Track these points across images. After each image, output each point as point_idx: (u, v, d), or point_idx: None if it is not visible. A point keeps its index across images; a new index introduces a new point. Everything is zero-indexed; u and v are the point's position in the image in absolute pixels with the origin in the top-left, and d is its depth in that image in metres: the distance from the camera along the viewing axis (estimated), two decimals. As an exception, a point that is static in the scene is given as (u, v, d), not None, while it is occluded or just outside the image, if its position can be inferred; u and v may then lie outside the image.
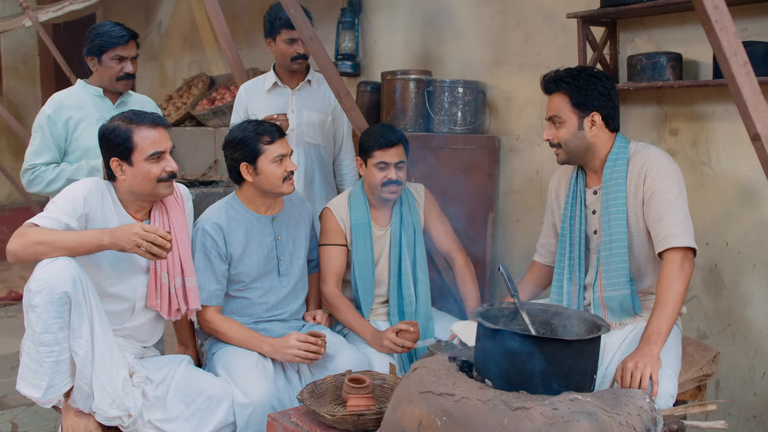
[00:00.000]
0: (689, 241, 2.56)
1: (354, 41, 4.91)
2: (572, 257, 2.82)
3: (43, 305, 2.44)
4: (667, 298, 2.48)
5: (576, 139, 2.70)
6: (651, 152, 2.69)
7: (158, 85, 7.26)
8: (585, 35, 3.42)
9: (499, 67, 4.14)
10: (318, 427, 2.39)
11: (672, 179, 2.63)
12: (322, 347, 2.84)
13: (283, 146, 3.00)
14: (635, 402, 1.93)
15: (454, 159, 4.02)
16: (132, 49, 3.49)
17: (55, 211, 2.59)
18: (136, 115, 2.71)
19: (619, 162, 2.71)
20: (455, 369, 2.05)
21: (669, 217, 2.58)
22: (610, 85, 2.70)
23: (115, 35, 3.44)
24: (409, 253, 3.30)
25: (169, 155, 2.73)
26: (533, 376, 1.90)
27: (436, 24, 4.47)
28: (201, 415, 2.75)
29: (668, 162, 2.67)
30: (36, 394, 2.51)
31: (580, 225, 2.81)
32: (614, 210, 2.69)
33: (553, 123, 2.74)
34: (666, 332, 2.44)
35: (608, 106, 2.69)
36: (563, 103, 2.71)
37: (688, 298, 3.40)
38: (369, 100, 4.48)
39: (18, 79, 8.11)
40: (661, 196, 2.61)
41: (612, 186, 2.70)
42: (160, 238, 2.51)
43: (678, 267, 2.52)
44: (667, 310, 2.46)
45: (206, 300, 2.95)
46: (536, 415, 1.78)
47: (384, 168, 3.17)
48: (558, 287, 2.86)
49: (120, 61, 3.43)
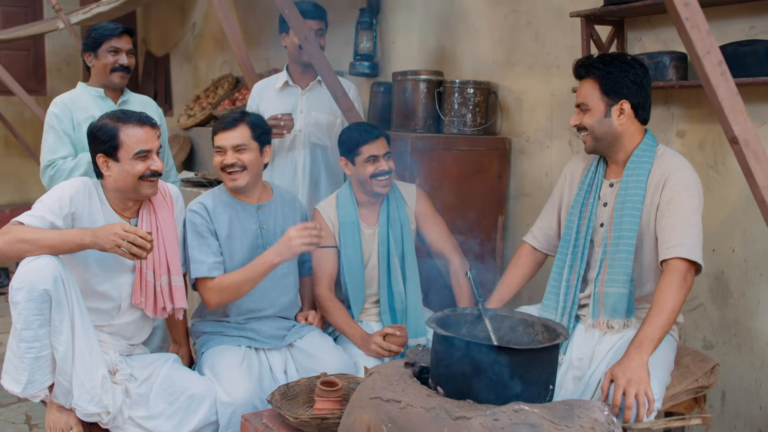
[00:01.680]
0: (698, 256, 2.46)
1: (372, 41, 4.89)
2: (576, 245, 2.75)
3: (24, 302, 2.48)
4: (665, 305, 2.38)
5: (602, 126, 2.63)
6: (678, 160, 2.60)
7: (192, 86, 7.35)
8: (589, 34, 3.34)
9: (510, 68, 4.07)
10: (285, 429, 2.38)
11: (693, 191, 2.53)
12: (321, 230, 2.88)
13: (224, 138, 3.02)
14: (590, 414, 1.86)
15: (464, 161, 3.96)
16: (126, 42, 3.51)
17: (41, 210, 2.63)
18: (124, 114, 2.76)
19: (645, 159, 2.62)
20: (408, 375, 2.01)
21: (683, 228, 2.48)
22: (644, 73, 2.61)
23: (109, 28, 3.50)
24: (397, 250, 3.27)
25: (156, 155, 2.75)
26: (482, 384, 1.85)
27: (451, 24, 4.41)
28: (182, 414, 2.78)
29: (692, 174, 2.57)
30: (16, 389, 2.56)
31: (590, 215, 2.73)
32: (630, 206, 2.60)
33: (581, 109, 2.67)
34: (658, 340, 2.35)
35: (639, 95, 2.60)
36: (592, 89, 2.63)
37: (693, 306, 3.29)
38: (382, 101, 4.45)
39: (61, 80, 8.30)
40: (678, 205, 2.51)
41: (633, 181, 2.62)
42: (139, 238, 2.53)
43: (681, 278, 2.43)
44: (662, 318, 2.37)
45: (208, 272, 2.95)
46: (476, 425, 1.73)
47: (374, 161, 3.17)
48: (558, 274, 2.79)
49: (115, 53, 3.47)
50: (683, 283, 2.41)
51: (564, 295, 2.75)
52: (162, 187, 2.92)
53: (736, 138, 2.05)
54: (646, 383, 2.21)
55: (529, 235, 3.01)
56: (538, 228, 2.99)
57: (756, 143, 2.06)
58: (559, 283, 2.77)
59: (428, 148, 3.85)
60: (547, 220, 2.96)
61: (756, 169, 2.07)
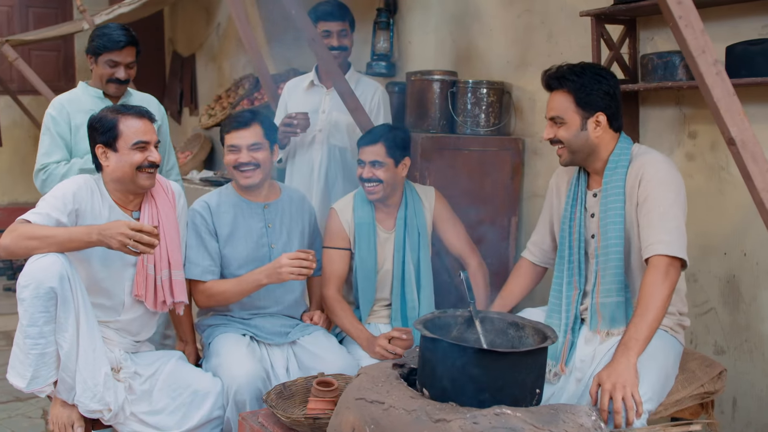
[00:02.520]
0: (677, 250, 2.42)
1: (389, 41, 4.88)
2: (572, 260, 2.72)
3: (30, 299, 2.52)
4: (648, 304, 2.35)
5: (578, 139, 2.60)
6: (651, 156, 2.58)
7: (217, 86, 7.41)
8: (599, 34, 3.29)
9: (524, 68, 4.04)
10: (280, 428, 2.39)
11: (668, 186, 2.51)
12: (313, 261, 2.87)
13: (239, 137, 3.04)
14: (576, 419, 1.84)
15: (476, 161, 3.93)
16: (128, 55, 3.45)
17: (46, 208, 2.67)
18: (124, 107, 2.82)
19: (621, 164, 2.60)
20: (395, 377, 2.01)
21: (660, 224, 2.46)
22: (615, 83, 2.60)
23: (113, 39, 3.42)
24: (413, 258, 3.25)
25: (154, 148, 2.79)
26: (465, 387, 1.84)
27: (466, 24, 4.39)
28: (186, 409, 2.81)
29: (667, 167, 2.55)
30: (21, 384, 2.60)
31: (579, 228, 2.71)
32: (612, 213, 2.59)
33: (555, 122, 2.64)
34: (645, 339, 2.31)
35: (613, 105, 2.58)
36: (566, 101, 2.59)
37: (704, 311, 3.23)
38: (397, 101, 4.44)
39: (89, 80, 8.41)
40: (653, 201, 2.49)
41: (611, 189, 2.60)
42: (146, 236, 2.55)
43: (662, 273, 2.39)
44: (648, 317, 2.33)
45: (200, 275, 3.00)
46: (455, 428, 1.72)
47: (361, 166, 3.20)
48: (557, 291, 2.76)
49: (113, 66, 3.42)
50: (665, 278, 2.37)
51: (566, 312, 2.71)
52: (164, 182, 2.96)
53: (733, 139, 2.01)
54: (633, 385, 2.18)
55: (527, 252, 3.01)
56: (533, 243, 2.99)
57: (754, 144, 2.02)
58: (559, 300, 2.74)
59: (439, 149, 3.83)
60: (541, 234, 2.96)
61: (754, 170, 2.03)
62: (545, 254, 2.95)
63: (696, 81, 2.02)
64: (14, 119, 7.95)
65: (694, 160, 3.21)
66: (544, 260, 2.97)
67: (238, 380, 2.75)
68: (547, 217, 2.93)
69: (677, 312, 2.72)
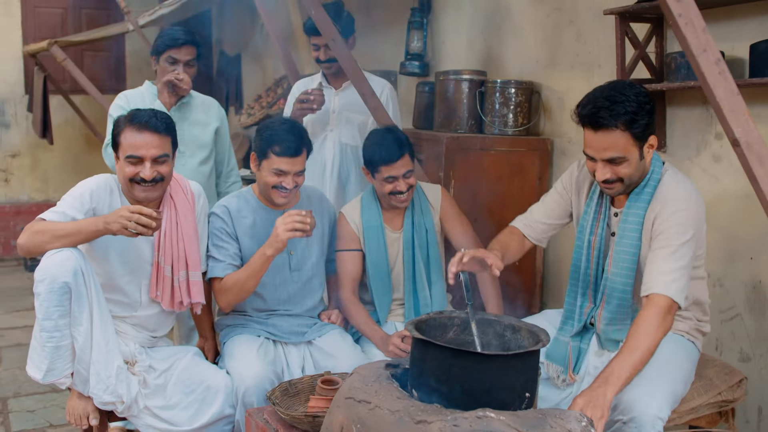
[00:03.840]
0: (676, 293, 2.34)
1: (422, 41, 4.87)
2: (588, 273, 2.65)
3: (45, 294, 2.60)
4: (639, 343, 2.28)
5: (638, 170, 2.46)
6: (676, 192, 2.45)
7: (261, 85, 7.50)
8: (624, 32, 3.22)
9: (553, 67, 3.98)
10: (283, 425, 2.40)
11: (684, 227, 2.40)
12: (307, 217, 2.82)
13: (289, 164, 2.95)
14: (564, 425, 1.81)
15: (503, 162, 3.90)
16: (187, 53, 3.54)
17: (63, 206, 2.74)
18: (135, 116, 2.79)
19: (647, 188, 2.50)
20: (386, 377, 2.00)
21: (664, 263, 2.38)
22: (646, 92, 2.44)
23: (173, 38, 3.54)
24: (422, 256, 3.24)
25: (151, 162, 2.74)
26: (451, 389, 1.83)
27: (497, 23, 4.36)
28: (198, 405, 2.84)
29: (688, 203, 2.43)
30: (37, 376, 2.68)
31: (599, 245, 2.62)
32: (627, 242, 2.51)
33: (613, 162, 2.42)
34: (627, 379, 2.24)
35: (655, 118, 2.46)
36: (623, 138, 2.38)
37: (730, 317, 3.14)
38: (426, 101, 4.43)
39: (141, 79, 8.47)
40: (665, 241, 2.40)
41: (631, 216, 2.51)
42: (143, 217, 2.58)
43: (660, 315, 2.32)
44: (635, 356, 2.26)
45: (222, 271, 2.99)
46: (435, 430, 1.71)
47: (392, 181, 3.13)
48: (572, 302, 2.71)
49: (173, 64, 3.52)
50: (662, 321, 2.31)
51: (578, 321, 2.67)
52: (183, 184, 2.98)
53: (737, 140, 1.94)
54: (603, 418, 2.11)
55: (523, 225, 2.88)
56: (535, 220, 2.86)
57: (760, 146, 1.95)
58: (573, 308, 2.69)
59: (465, 149, 3.81)
60: (546, 216, 2.84)
61: (760, 173, 1.96)
62: (539, 235, 2.86)
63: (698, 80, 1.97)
64: (66, 118, 8.18)
65: (720, 162, 3.13)
66: (537, 238, 2.86)
67: (247, 382, 2.77)
68: (555, 204, 2.82)
69: (694, 318, 2.66)
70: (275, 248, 2.86)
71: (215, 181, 3.78)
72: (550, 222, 2.86)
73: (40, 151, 8.27)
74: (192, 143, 3.61)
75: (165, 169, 2.79)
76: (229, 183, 3.83)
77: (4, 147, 8.24)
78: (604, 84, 2.47)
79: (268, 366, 2.87)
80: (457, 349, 1.83)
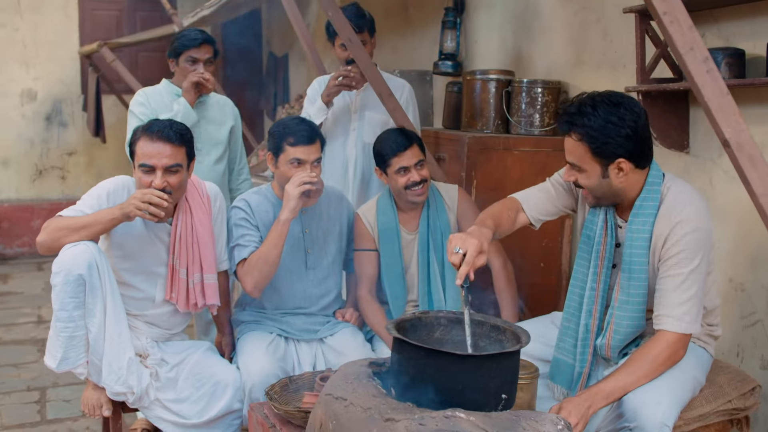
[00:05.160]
0: (688, 326, 2.30)
1: (455, 41, 4.86)
2: (594, 287, 2.56)
3: (61, 285, 2.70)
4: (639, 368, 2.27)
5: (601, 187, 2.39)
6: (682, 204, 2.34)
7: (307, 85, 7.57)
8: (644, 31, 3.16)
9: (579, 66, 3.93)
10: (278, 420, 2.44)
11: (694, 252, 2.31)
12: (315, 171, 2.96)
13: (306, 152, 3.00)
14: (538, 427, 1.80)
15: (527, 162, 3.86)
16: (206, 52, 3.65)
17: (81, 205, 2.84)
18: (151, 126, 2.85)
19: (648, 202, 2.40)
20: (366, 375, 2.02)
21: (674, 295, 2.32)
22: (635, 119, 2.30)
23: (191, 38, 3.66)
24: (437, 258, 3.24)
25: (162, 172, 2.78)
26: (425, 388, 1.83)
27: (526, 22, 4.32)
28: (208, 399, 2.91)
29: (698, 222, 2.32)
30: (52, 364, 2.78)
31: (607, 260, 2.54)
32: (637, 261, 2.41)
33: (573, 168, 2.41)
34: (613, 399, 2.24)
35: (637, 145, 2.31)
36: (580, 149, 2.34)
37: (751, 323, 3.06)
38: (455, 101, 4.42)
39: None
40: (674, 269, 2.32)
41: (637, 234, 2.41)
42: (155, 197, 2.66)
43: (669, 350, 2.30)
44: (630, 380, 2.25)
45: (248, 253, 3.03)
46: (401, 428, 1.72)
47: (405, 172, 3.14)
48: (569, 319, 2.61)
49: (193, 63, 3.62)
50: (671, 355, 2.30)
51: (582, 341, 2.57)
52: (200, 187, 3.04)
53: (727, 141, 1.90)
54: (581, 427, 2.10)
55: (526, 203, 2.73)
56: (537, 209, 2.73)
57: (752, 147, 1.90)
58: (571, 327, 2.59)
59: (487, 149, 3.79)
60: (543, 203, 2.72)
61: (752, 175, 1.91)
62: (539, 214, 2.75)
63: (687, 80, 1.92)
64: (119, 117, 8.40)
65: (742, 164, 3.03)
66: (535, 218, 2.75)
67: (254, 378, 2.82)
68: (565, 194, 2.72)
69: (705, 323, 2.58)
70: (290, 209, 2.92)
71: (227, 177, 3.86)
72: (555, 207, 2.75)
73: (95, 149, 8.54)
74: (207, 141, 3.71)
75: (176, 179, 2.81)
76: (240, 180, 3.92)
77: (62, 145, 8.55)
78: (600, 92, 2.41)
79: (275, 362, 2.92)
80: (431, 348, 1.83)
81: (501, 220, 2.65)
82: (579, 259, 2.63)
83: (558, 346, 2.65)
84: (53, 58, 8.32)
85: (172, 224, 2.94)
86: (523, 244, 3.83)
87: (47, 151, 8.49)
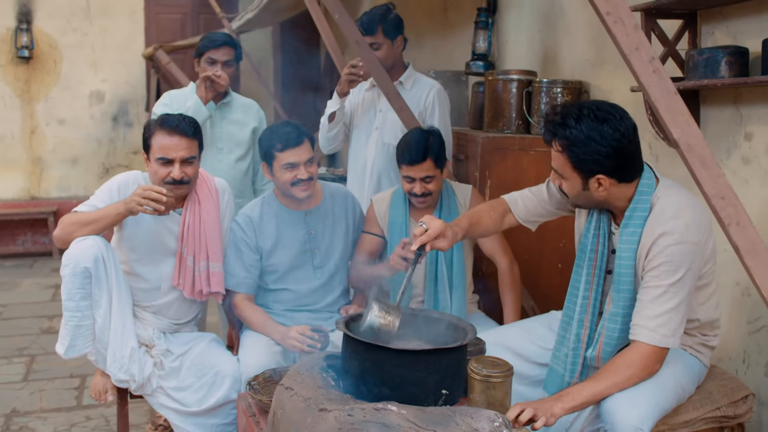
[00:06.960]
0: (662, 339, 2.26)
1: (487, 41, 4.85)
2: (587, 296, 2.53)
3: (68, 277, 2.86)
4: (610, 377, 2.24)
5: (582, 197, 2.37)
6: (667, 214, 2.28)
7: (359, 86, 7.67)
8: (650, 29, 3.11)
9: (601, 66, 3.88)
10: (258, 410, 2.52)
11: (676, 264, 2.25)
12: (319, 342, 2.90)
13: (296, 154, 3.06)
14: (472, 423, 1.82)
15: (543, 162, 3.83)
16: (225, 54, 3.77)
17: (93, 200, 3.01)
18: (165, 120, 2.99)
19: (638, 212, 2.34)
20: (320, 368, 2.08)
21: (651, 307, 2.28)
22: (618, 137, 2.22)
23: (211, 39, 3.81)
24: (446, 257, 3.25)
25: (181, 164, 2.94)
26: (365, 381, 1.88)
27: (551, 22, 4.29)
28: (208, 389, 3.03)
29: (684, 234, 2.25)
30: (60, 351, 2.96)
31: (600, 263, 2.51)
32: (625, 273, 2.38)
33: (556, 174, 2.40)
34: (582, 405, 2.22)
35: (618, 164, 2.26)
36: (561, 159, 2.33)
37: (756, 328, 2.97)
38: (480, 101, 4.41)
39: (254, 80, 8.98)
40: (654, 281, 2.28)
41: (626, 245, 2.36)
42: (154, 192, 2.79)
43: (642, 361, 2.26)
44: (599, 388, 2.23)
45: (235, 286, 3.18)
46: (330, 418, 1.77)
47: (410, 182, 3.18)
48: (565, 328, 2.58)
49: (212, 64, 3.75)
50: (643, 368, 2.26)
51: (573, 350, 2.54)
52: (209, 180, 3.17)
53: (676, 141, 1.88)
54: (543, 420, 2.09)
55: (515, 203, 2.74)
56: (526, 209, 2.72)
57: (702, 147, 1.87)
58: (565, 338, 2.57)
59: (502, 149, 3.79)
60: (534, 205, 2.71)
61: (703, 175, 1.88)
62: (531, 216, 2.74)
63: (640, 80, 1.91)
64: (176, 118, 8.73)
65: (749, 164, 2.96)
66: (526, 219, 2.74)
67: (250, 370, 2.91)
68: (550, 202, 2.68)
69: (699, 334, 2.53)
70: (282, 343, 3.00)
71: (252, 178, 3.96)
72: (546, 210, 2.74)
73: (158, 148, 8.87)
74: (229, 141, 3.82)
75: (191, 170, 2.99)
76: (265, 180, 4.00)
77: (127, 144, 8.92)
78: (590, 103, 2.35)
79: (272, 356, 3.00)
80: (369, 343, 1.88)
81: (480, 220, 2.66)
82: (575, 266, 2.60)
83: (554, 354, 2.64)
84: (120, 61, 8.69)
85: (181, 214, 3.07)
86: (541, 245, 3.82)
87: (114, 150, 8.88)
